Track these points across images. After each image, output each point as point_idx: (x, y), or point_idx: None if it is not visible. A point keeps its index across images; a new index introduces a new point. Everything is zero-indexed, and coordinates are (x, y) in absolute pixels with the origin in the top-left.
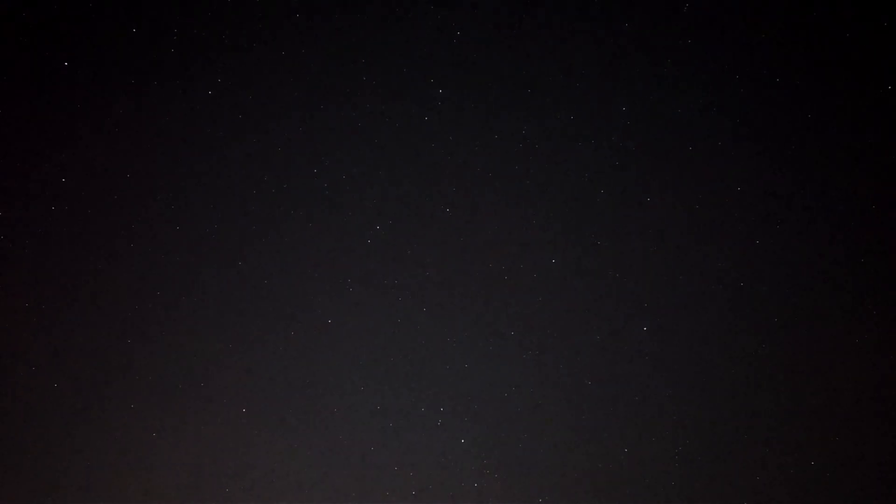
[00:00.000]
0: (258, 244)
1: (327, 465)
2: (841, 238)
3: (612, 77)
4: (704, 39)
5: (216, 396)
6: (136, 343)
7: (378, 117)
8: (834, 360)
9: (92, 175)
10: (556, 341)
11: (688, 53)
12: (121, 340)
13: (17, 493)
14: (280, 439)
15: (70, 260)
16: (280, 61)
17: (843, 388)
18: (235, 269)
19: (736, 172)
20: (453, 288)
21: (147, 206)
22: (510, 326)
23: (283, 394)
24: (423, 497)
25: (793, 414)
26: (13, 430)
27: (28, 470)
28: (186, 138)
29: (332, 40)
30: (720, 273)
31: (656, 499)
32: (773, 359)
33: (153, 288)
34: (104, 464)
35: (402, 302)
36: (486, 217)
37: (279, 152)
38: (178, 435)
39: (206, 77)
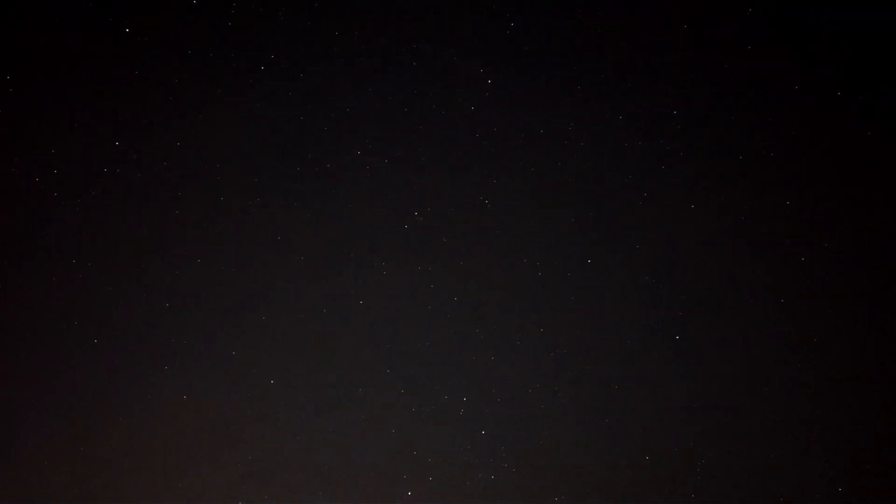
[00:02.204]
0: (296, 223)
1: (346, 444)
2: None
3: (664, 78)
4: (762, 44)
5: (245, 370)
6: (167, 321)
7: (423, 104)
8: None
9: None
10: (586, 343)
11: (747, 58)
12: (156, 317)
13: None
14: (303, 414)
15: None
16: (327, 40)
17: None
18: (272, 248)
19: (786, 185)
20: (487, 280)
21: (184, 183)
22: (541, 323)
23: (311, 371)
24: (438, 483)
25: (827, 425)
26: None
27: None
28: (230, 114)
29: (380, 22)
30: (761, 288)
31: None
32: (810, 373)
33: (186, 268)
34: (135, 426)
35: (435, 289)
36: (526, 212)
37: (325, 131)
38: (205, 403)
39: (259, 54)
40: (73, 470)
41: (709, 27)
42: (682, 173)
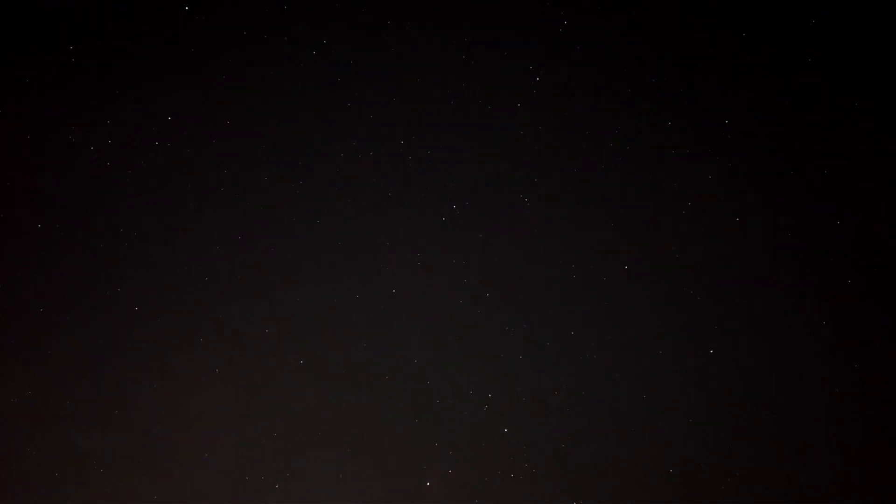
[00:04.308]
0: (335, 210)
1: (369, 430)
2: None
3: (717, 85)
4: (823, 57)
5: (276, 350)
6: (205, 295)
7: (470, 97)
8: None
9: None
10: (616, 349)
11: (806, 70)
12: (194, 290)
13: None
14: (329, 397)
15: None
16: (378, 31)
17: None
18: (310, 232)
19: (834, 203)
20: (521, 279)
21: (229, 163)
22: (572, 326)
23: (340, 355)
24: (457, 476)
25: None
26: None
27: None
28: (279, 97)
29: (432, 15)
30: (802, 305)
31: None
32: (847, 397)
33: (226, 246)
34: (164, 397)
35: (468, 284)
36: (565, 213)
37: (371, 120)
38: (235, 380)
39: (313, 36)
40: (103, 433)
41: (765, 35)
42: (730, 185)
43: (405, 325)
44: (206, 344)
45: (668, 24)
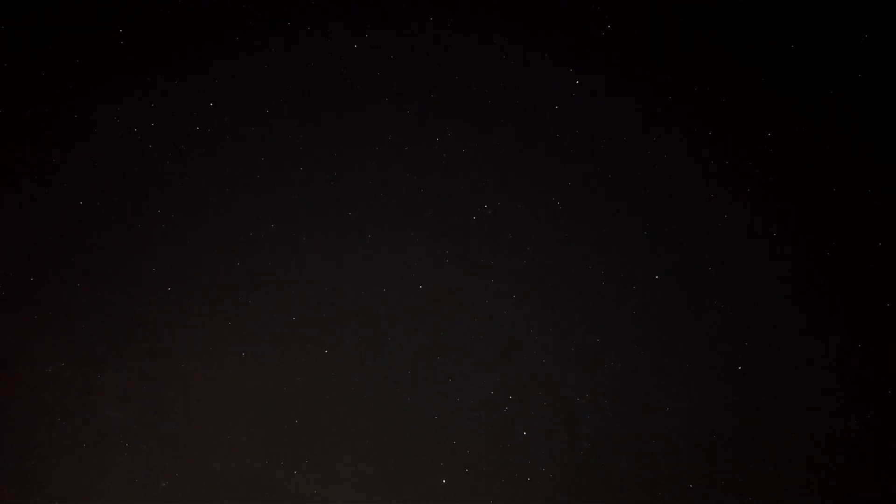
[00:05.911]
0: (367, 202)
1: (388, 424)
2: None
3: (761, 93)
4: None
5: (301, 338)
6: (236, 280)
7: (507, 98)
8: None
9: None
10: (643, 358)
11: (853, 83)
12: (226, 274)
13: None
14: (350, 388)
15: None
16: (416, 28)
17: None
18: (341, 223)
19: (871, 225)
20: (548, 282)
21: (266, 151)
22: (598, 333)
23: (363, 348)
24: (473, 476)
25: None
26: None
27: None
28: (315, 90)
29: (473, 14)
30: (834, 323)
31: None
32: (877, 408)
33: (257, 233)
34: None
35: (495, 284)
36: (597, 219)
37: (407, 115)
38: (259, 364)
39: (347, 32)
40: (130, 409)
41: (815, 47)
42: (769, 198)
43: (430, 321)
44: (235, 329)
45: (712, 32)
